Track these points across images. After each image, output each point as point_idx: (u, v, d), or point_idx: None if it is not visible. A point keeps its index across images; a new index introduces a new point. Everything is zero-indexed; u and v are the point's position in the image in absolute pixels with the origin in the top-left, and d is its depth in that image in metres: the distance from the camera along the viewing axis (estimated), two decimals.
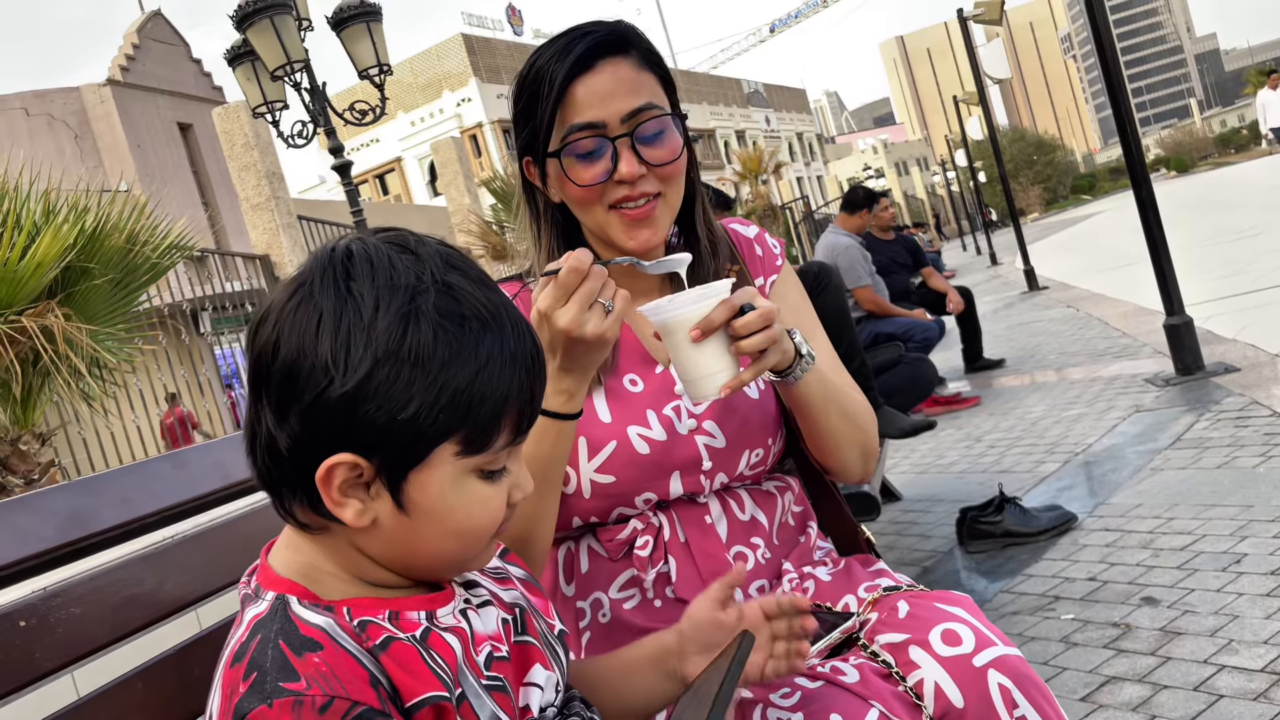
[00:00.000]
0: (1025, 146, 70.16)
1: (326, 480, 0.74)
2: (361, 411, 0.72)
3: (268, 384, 0.76)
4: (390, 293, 0.74)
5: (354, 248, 0.77)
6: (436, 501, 0.76)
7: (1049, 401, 5.26)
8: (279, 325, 0.75)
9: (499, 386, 0.76)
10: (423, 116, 45.54)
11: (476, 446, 0.76)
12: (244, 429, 0.80)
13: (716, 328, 1.04)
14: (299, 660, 0.72)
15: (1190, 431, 3.89)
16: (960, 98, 18.95)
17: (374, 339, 0.72)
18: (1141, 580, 2.63)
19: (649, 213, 1.18)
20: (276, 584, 0.79)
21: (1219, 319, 6.22)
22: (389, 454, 0.74)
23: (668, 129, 1.19)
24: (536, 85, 1.19)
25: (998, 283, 14.97)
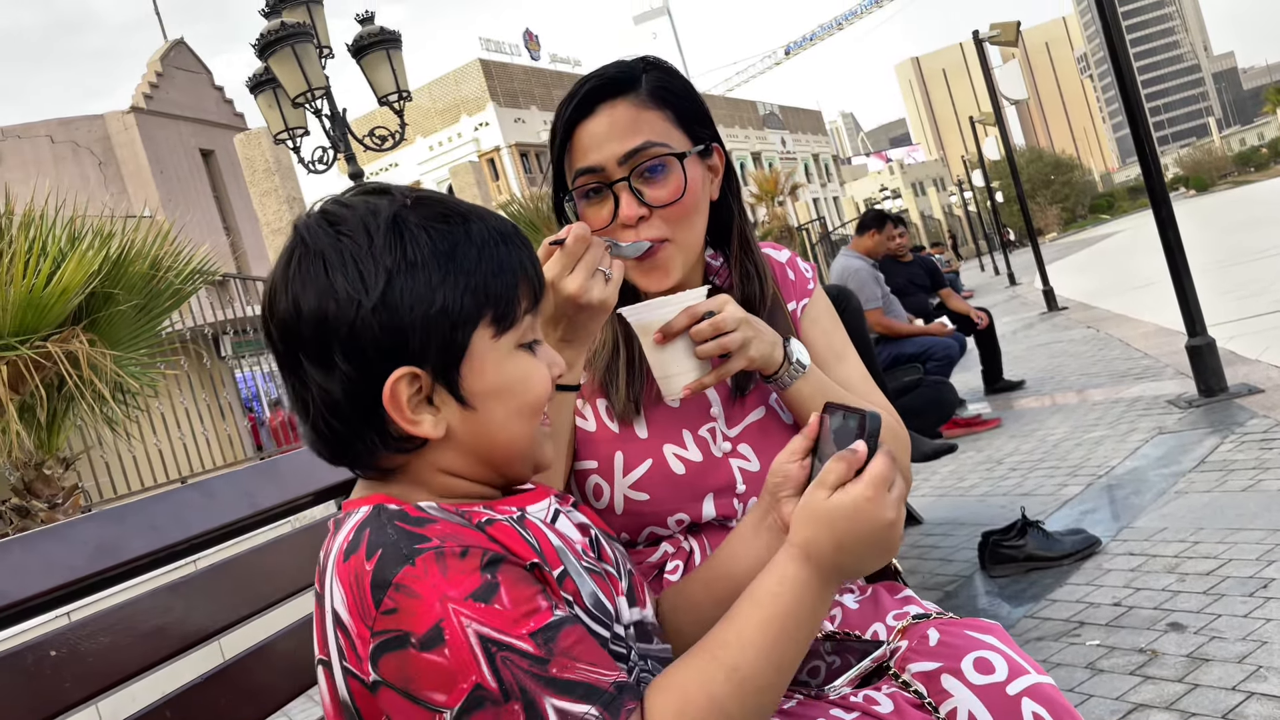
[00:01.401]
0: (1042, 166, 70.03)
1: (394, 401, 0.79)
2: (395, 321, 0.77)
3: (302, 342, 0.80)
4: (374, 217, 0.80)
5: (325, 204, 0.84)
6: (494, 382, 0.82)
7: (1070, 423, 5.22)
8: (291, 288, 0.80)
9: (504, 261, 0.82)
10: (441, 141, 45.92)
11: (506, 321, 0.82)
12: (294, 409, 0.84)
13: (676, 333, 1.10)
14: (421, 529, 0.77)
15: (1215, 454, 3.86)
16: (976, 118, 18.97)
17: (379, 257, 0.78)
18: (1167, 605, 2.60)
19: (654, 255, 1.19)
20: (364, 501, 0.82)
21: (1241, 340, 6.18)
22: (435, 354, 0.79)
23: (668, 167, 1.18)
24: (553, 134, 1.24)
25: (1016, 303, 14.91)
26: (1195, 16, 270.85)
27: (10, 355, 4.45)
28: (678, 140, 1.20)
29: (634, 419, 1.21)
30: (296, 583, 1.28)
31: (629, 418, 1.21)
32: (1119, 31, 5.23)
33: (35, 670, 0.93)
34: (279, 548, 1.30)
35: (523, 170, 44.46)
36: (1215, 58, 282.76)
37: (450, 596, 0.72)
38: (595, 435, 1.22)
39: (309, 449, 0.87)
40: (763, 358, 1.14)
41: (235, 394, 12.89)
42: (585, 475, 1.21)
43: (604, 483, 1.20)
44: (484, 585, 0.73)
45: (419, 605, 0.72)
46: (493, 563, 0.75)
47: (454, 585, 0.73)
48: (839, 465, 0.82)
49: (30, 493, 4.79)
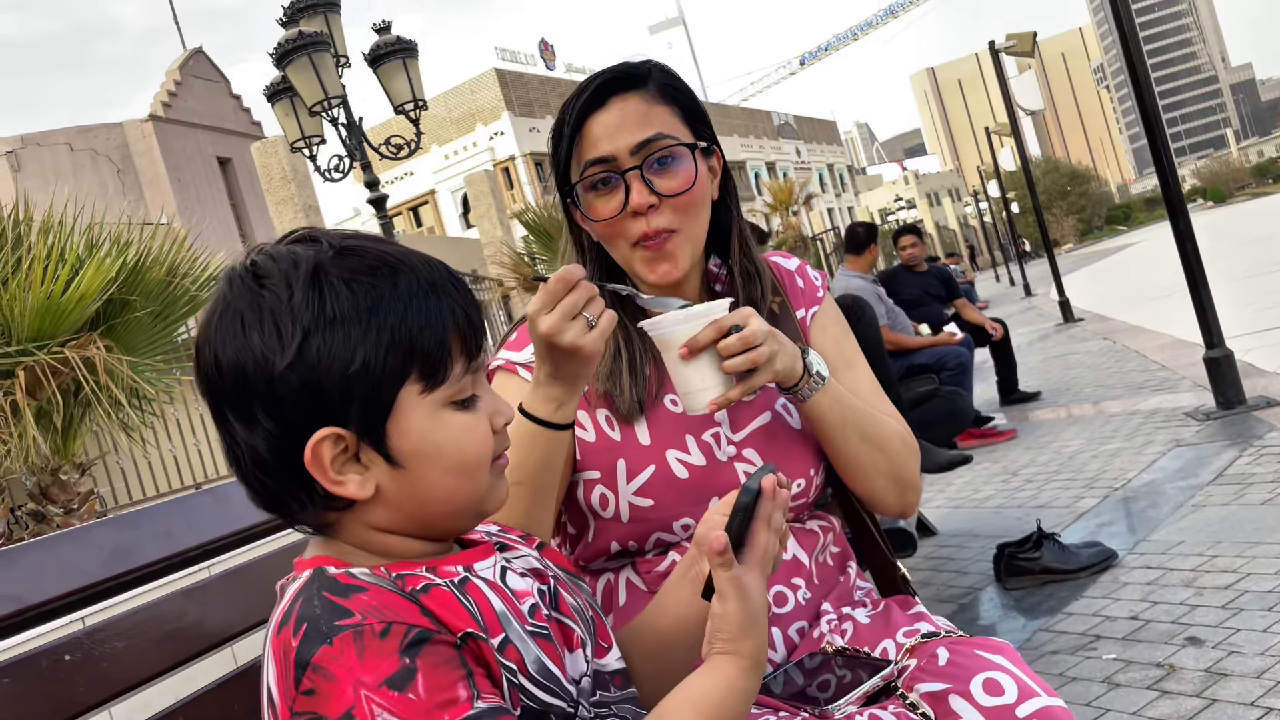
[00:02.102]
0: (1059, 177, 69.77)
1: (316, 462, 0.76)
2: (314, 379, 0.75)
3: (225, 398, 0.79)
4: (295, 270, 0.77)
5: (255, 256, 0.82)
6: (422, 443, 0.79)
7: (1086, 435, 5.19)
8: (213, 344, 0.79)
9: (431, 315, 0.79)
10: (456, 150, 46.07)
11: (435, 379, 0.79)
12: (227, 460, 0.82)
13: (703, 347, 1.08)
14: (347, 601, 0.74)
15: (1232, 467, 3.83)
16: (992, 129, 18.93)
17: (296, 313, 0.76)
18: (1185, 620, 2.57)
19: (662, 245, 1.20)
20: (309, 563, 0.81)
21: (1259, 352, 6.14)
22: (359, 413, 0.77)
23: (680, 158, 1.21)
24: (560, 127, 1.24)
25: (1032, 314, 14.85)
26: (1213, 27, 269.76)
27: (28, 361, 4.48)
28: (685, 135, 1.22)
29: (637, 421, 1.21)
30: None
31: (633, 419, 1.21)
32: (1136, 43, 5.21)
33: (50, 674, 0.93)
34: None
35: (538, 179, 44.54)
36: (1233, 69, 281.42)
37: (364, 682, 0.70)
38: (595, 445, 1.22)
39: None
40: (786, 370, 1.13)
41: None
42: (591, 486, 1.21)
43: (609, 492, 1.20)
44: (400, 671, 0.70)
45: (334, 688, 0.70)
46: (414, 644, 0.72)
47: (369, 669, 0.70)
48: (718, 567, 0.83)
49: (46, 498, 4.82)
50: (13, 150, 16.82)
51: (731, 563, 0.81)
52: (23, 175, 16.19)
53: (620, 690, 0.90)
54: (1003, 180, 22.28)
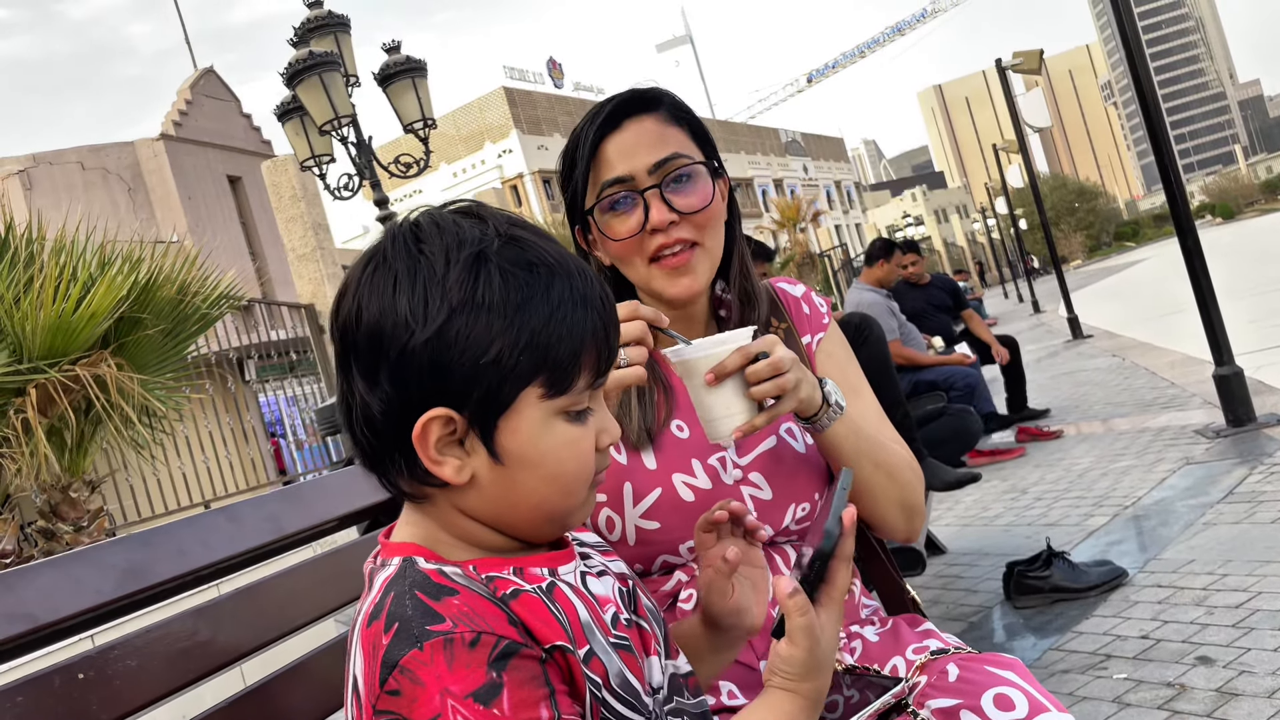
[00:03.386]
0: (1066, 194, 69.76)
1: (423, 438, 0.77)
2: (445, 359, 0.76)
3: (356, 352, 0.80)
4: (458, 248, 0.78)
5: (420, 218, 0.82)
6: (528, 446, 0.79)
7: (1096, 453, 5.17)
8: (358, 295, 0.80)
9: (575, 327, 0.79)
10: (465, 168, 46.31)
11: (559, 388, 0.79)
12: (339, 406, 0.84)
13: (730, 373, 1.08)
14: (439, 604, 0.75)
15: (1243, 485, 3.81)
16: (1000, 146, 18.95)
17: (448, 290, 0.76)
18: (1196, 639, 2.56)
19: (686, 260, 1.21)
20: (400, 550, 0.82)
21: (1270, 369, 6.12)
22: (477, 403, 0.77)
23: (697, 176, 1.22)
24: (573, 150, 1.26)
25: (1041, 330, 14.83)
26: (1220, 44, 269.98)
27: (40, 379, 4.50)
28: (698, 156, 1.24)
29: (645, 449, 1.21)
30: (320, 608, 1.28)
31: (641, 447, 1.21)
32: (1143, 60, 5.23)
33: (63, 693, 0.94)
34: (302, 572, 1.31)
35: (545, 197, 44.72)
36: (1241, 85, 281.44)
37: (451, 691, 0.71)
38: None
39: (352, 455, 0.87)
40: (808, 399, 1.13)
41: (259, 418, 12.98)
42: (598, 508, 1.21)
43: (615, 515, 1.20)
44: (487, 685, 0.71)
45: (421, 693, 0.71)
46: (502, 657, 0.72)
47: (457, 680, 0.71)
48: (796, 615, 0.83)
49: (56, 515, 4.83)
50: (25, 169, 16.95)
51: (806, 609, 0.80)
52: (34, 194, 16.31)
53: (693, 696, 0.90)
54: (1010, 197, 22.28)
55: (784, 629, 0.81)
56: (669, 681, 0.88)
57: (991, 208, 36.48)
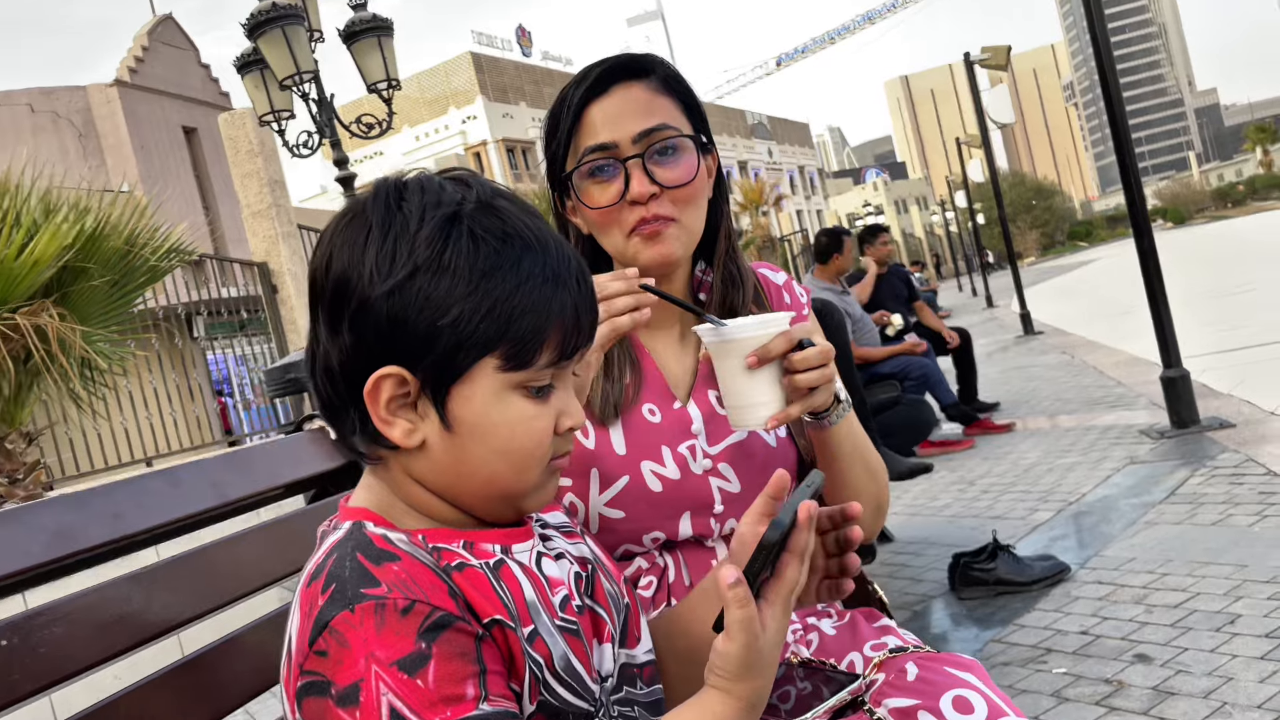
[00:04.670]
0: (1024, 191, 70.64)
1: (374, 394, 0.77)
2: (403, 317, 0.75)
3: (322, 299, 0.79)
4: (435, 207, 0.77)
5: (409, 179, 0.81)
6: (480, 417, 0.78)
7: (1043, 448, 5.25)
8: (331, 243, 0.79)
9: (541, 302, 0.77)
10: (428, 131, 45.75)
11: (518, 361, 0.77)
12: (305, 353, 0.83)
13: (773, 358, 1.04)
14: (378, 569, 0.74)
15: (1185, 486, 3.88)
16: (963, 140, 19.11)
17: (416, 247, 0.75)
18: (1134, 636, 2.60)
19: (661, 229, 1.17)
20: (353, 514, 0.81)
21: (1215, 373, 6.23)
22: (432, 365, 0.76)
23: (683, 150, 1.18)
24: (556, 113, 1.22)
25: (993, 325, 15.01)
26: (1181, 50, 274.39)
27: None
28: (686, 129, 1.20)
29: (612, 425, 1.18)
30: (263, 577, 1.24)
31: (607, 422, 1.18)
32: (1111, 64, 5.26)
33: None
34: (246, 540, 1.27)
35: (509, 166, 44.35)
36: (1199, 93, 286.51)
37: (377, 657, 0.69)
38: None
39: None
40: (832, 395, 1.10)
41: (206, 376, 12.74)
42: (561, 491, 1.18)
43: (578, 500, 1.17)
44: (414, 655, 0.69)
45: (346, 656, 0.70)
46: (434, 629, 0.71)
47: (384, 645, 0.69)
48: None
49: None
50: None
51: (746, 601, 0.74)
52: None
53: (647, 685, 0.88)
54: (970, 191, 22.49)
55: (723, 623, 0.77)
56: (619, 670, 0.86)
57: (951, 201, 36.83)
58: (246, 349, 14.05)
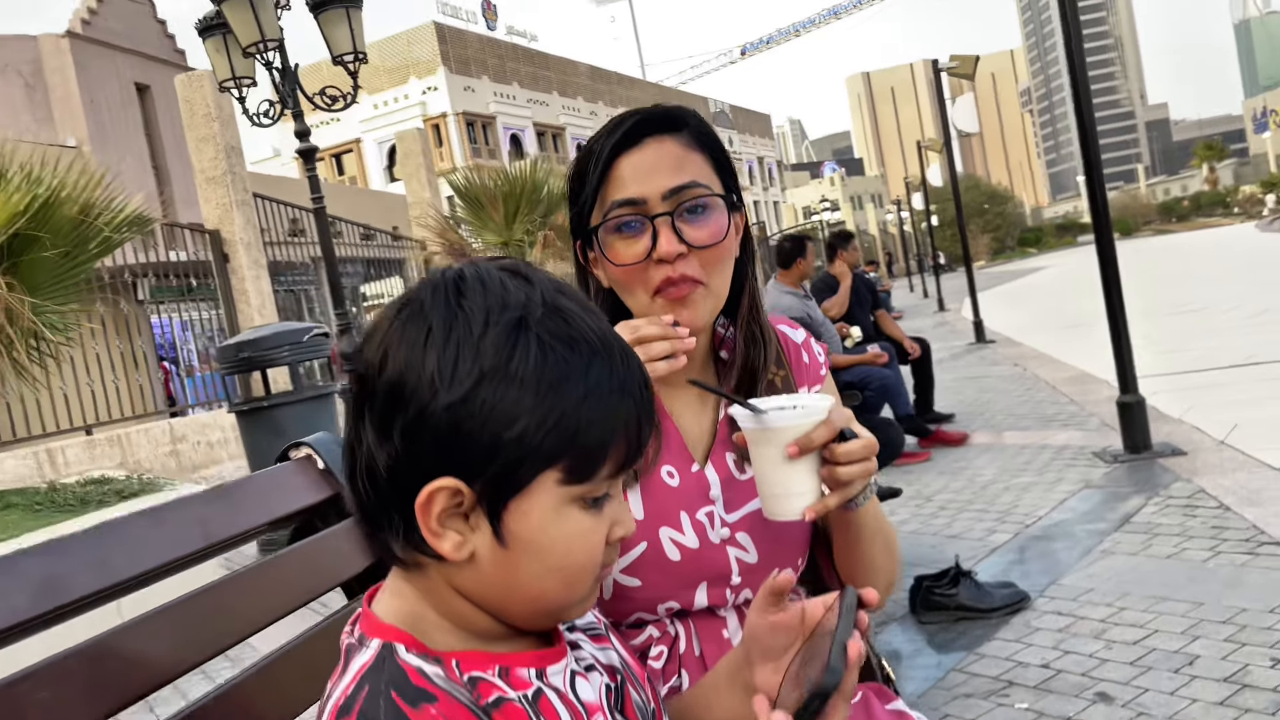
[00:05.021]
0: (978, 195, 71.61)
1: (426, 507, 0.72)
2: (465, 428, 0.70)
3: (372, 399, 0.74)
4: (501, 310, 0.72)
5: (466, 270, 0.76)
6: (537, 533, 0.74)
7: (999, 465, 5.31)
8: (386, 340, 0.74)
9: (607, 413, 0.73)
10: (387, 100, 45.02)
11: (581, 475, 0.73)
12: (344, 452, 0.77)
13: (815, 448, 1.00)
14: (415, 711, 0.70)
15: (1139, 515, 3.95)
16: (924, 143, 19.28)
17: (482, 353, 0.71)
18: (1095, 674, 2.63)
19: (687, 293, 1.14)
20: (382, 631, 0.76)
21: (1163, 396, 6.34)
22: (491, 479, 0.72)
23: (713, 208, 1.15)
24: (585, 162, 1.17)
25: (945, 330, 15.18)
26: (1135, 64, 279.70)
27: None
28: (717, 186, 1.17)
29: (631, 491, 1.14)
30: (249, 626, 1.19)
31: (628, 486, 1.14)
32: (1084, 80, 5.31)
33: None
34: (230, 587, 1.21)
35: (468, 140, 43.88)
36: (1150, 107, 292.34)
37: None
38: None
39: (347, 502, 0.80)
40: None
41: (150, 342, 12.42)
42: None
43: None
44: None
45: None
46: None
47: None
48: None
49: None
50: None
51: None
52: None
53: None
54: (928, 193, 22.71)
55: None
56: None
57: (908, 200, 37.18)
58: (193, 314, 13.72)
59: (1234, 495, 3.97)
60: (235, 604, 1.20)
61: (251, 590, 1.24)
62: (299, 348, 6.17)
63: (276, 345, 6.07)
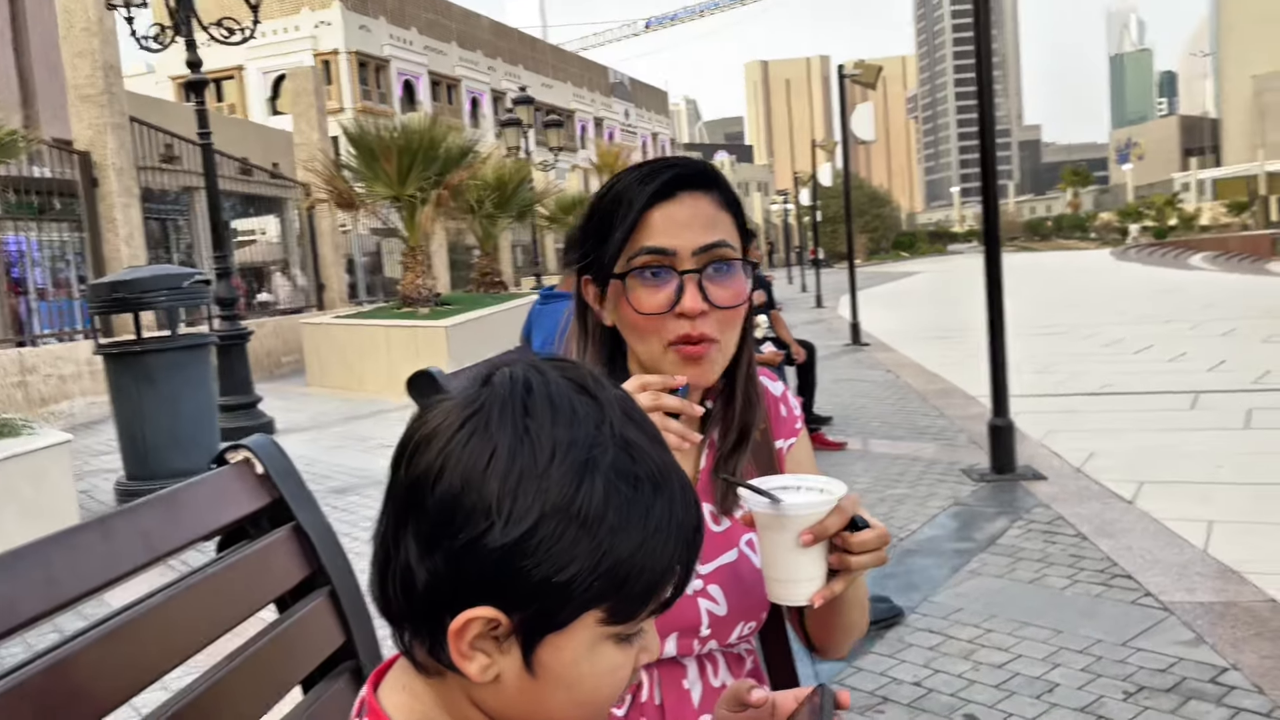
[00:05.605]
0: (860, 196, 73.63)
1: (460, 632, 0.69)
2: (517, 565, 0.67)
3: (420, 512, 0.69)
4: (569, 443, 0.69)
5: (533, 382, 0.72)
6: (569, 668, 0.72)
7: (873, 474, 5.52)
8: (446, 452, 0.69)
9: (660, 559, 0.71)
10: (276, 29, 43.04)
11: (623, 617, 0.72)
12: (373, 555, 0.73)
13: (829, 536, 1.02)
14: None
15: (1005, 537, 4.17)
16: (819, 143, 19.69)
17: (545, 489, 0.67)
18: (963, 695, 2.78)
19: (703, 353, 1.16)
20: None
21: (1026, 418, 6.69)
22: (533, 614, 0.69)
23: (735, 270, 1.17)
24: (615, 205, 1.17)
25: (822, 328, 15.60)
26: (1016, 84, 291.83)
27: None
28: (739, 249, 1.19)
29: None
30: (193, 645, 1.15)
31: None
32: (990, 97, 5.56)
33: None
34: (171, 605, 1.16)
35: (359, 82, 42.48)
36: (1025, 127, 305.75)
37: None
38: None
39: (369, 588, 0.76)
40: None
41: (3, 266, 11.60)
42: None
43: None
44: None
45: None
46: None
47: None
48: None
49: None
50: None
51: None
52: None
53: None
54: (817, 190, 23.24)
55: None
56: None
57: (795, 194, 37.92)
58: (51, 236, 12.88)
59: (1089, 525, 4.24)
60: (178, 620, 1.15)
61: (188, 607, 1.19)
62: (178, 293, 5.90)
63: (154, 289, 5.79)
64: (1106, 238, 72.07)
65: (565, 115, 50.58)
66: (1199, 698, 2.63)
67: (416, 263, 12.05)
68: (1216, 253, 33.15)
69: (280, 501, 1.43)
